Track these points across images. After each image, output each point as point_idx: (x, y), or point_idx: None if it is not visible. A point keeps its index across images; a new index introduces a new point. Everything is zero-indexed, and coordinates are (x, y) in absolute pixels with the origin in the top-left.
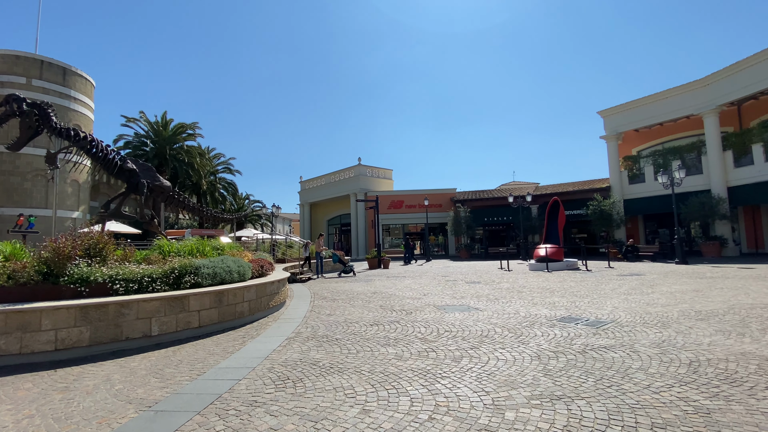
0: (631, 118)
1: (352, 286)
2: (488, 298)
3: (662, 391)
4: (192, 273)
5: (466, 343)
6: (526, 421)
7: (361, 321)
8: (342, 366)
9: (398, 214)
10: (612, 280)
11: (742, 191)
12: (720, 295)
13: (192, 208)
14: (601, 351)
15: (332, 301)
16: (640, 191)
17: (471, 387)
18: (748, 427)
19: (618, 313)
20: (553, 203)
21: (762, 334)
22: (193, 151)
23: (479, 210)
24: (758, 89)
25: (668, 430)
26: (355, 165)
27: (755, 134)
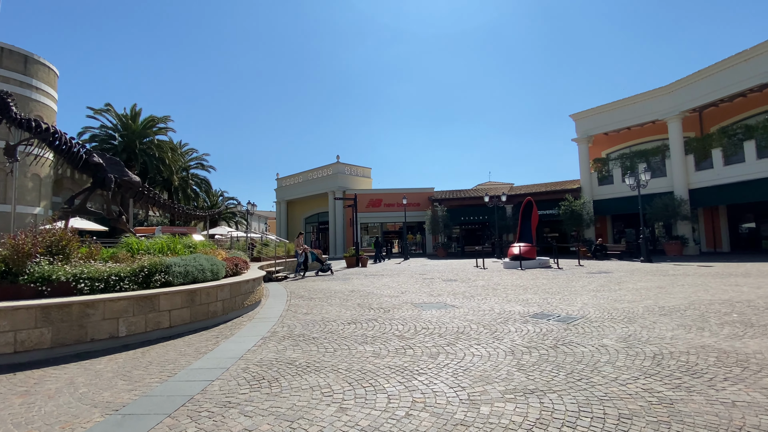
0: (601, 122)
1: (330, 285)
2: (464, 295)
3: (629, 384)
4: (162, 271)
5: (443, 340)
6: (501, 415)
7: (339, 319)
8: (319, 365)
9: (377, 213)
10: (582, 278)
11: (702, 193)
12: (681, 292)
13: (163, 204)
14: (571, 346)
15: (309, 300)
16: (609, 192)
17: (447, 383)
18: (708, 417)
19: (587, 310)
20: (526, 203)
21: (720, 328)
22: (164, 145)
23: (456, 209)
24: (718, 97)
25: (634, 420)
26: (334, 163)
27: (715, 140)
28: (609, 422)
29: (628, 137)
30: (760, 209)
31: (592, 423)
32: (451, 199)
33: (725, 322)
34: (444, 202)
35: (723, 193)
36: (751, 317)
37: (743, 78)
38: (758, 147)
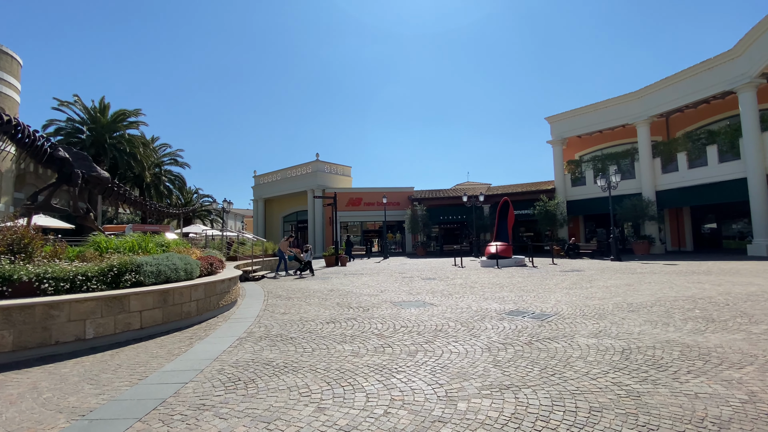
0: (574, 125)
1: (308, 284)
2: (443, 293)
3: (599, 378)
4: (133, 271)
5: (421, 338)
6: (477, 410)
7: (317, 319)
8: (297, 365)
9: (357, 212)
10: (555, 276)
11: (668, 195)
12: (648, 289)
13: (134, 201)
14: (545, 342)
15: (287, 299)
16: (582, 193)
17: (425, 380)
18: (672, 408)
19: (561, 307)
20: (503, 203)
21: (684, 323)
22: (135, 140)
23: (435, 209)
24: (683, 103)
25: (604, 413)
26: (313, 161)
27: (680, 144)
28: (580, 415)
29: (600, 140)
30: (721, 210)
31: (564, 416)
32: (430, 198)
33: (688, 317)
34: (423, 201)
35: (687, 194)
36: (712, 313)
37: (706, 86)
38: (720, 151)
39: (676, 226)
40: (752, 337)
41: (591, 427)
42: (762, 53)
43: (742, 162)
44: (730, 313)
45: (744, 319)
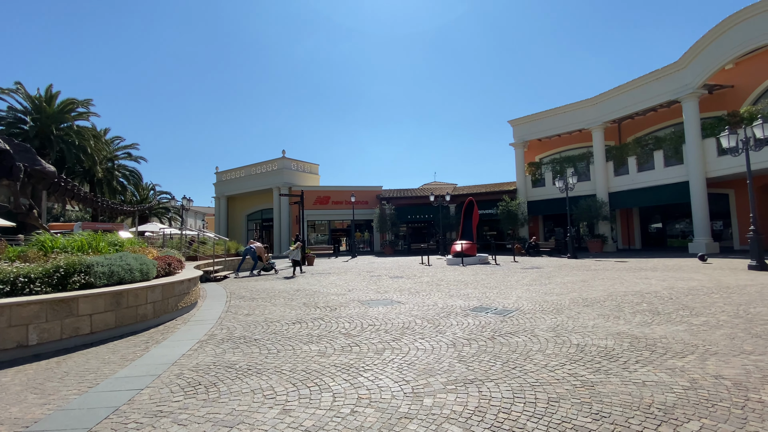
0: (535, 129)
1: (273, 284)
2: (410, 291)
3: (556, 369)
4: (82, 272)
5: (389, 336)
6: (443, 405)
7: (283, 320)
8: (261, 367)
9: (324, 210)
10: (517, 273)
11: (620, 196)
12: (601, 285)
13: (83, 198)
14: (507, 336)
15: (251, 300)
16: (541, 194)
17: (392, 377)
18: (623, 396)
19: (521, 302)
20: (468, 203)
21: (633, 316)
22: (85, 132)
23: (403, 208)
24: (633, 110)
25: (561, 402)
26: (279, 158)
27: (630, 148)
28: (539, 406)
29: (559, 143)
30: (666, 211)
31: (524, 407)
32: (398, 197)
33: (637, 311)
34: (392, 200)
35: (636, 196)
36: (658, 306)
37: (654, 95)
38: (665, 156)
39: (627, 225)
40: (693, 328)
41: (549, 417)
42: (704, 66)
43: (684, 167)
44: (673, 306)
45: (686, 312)
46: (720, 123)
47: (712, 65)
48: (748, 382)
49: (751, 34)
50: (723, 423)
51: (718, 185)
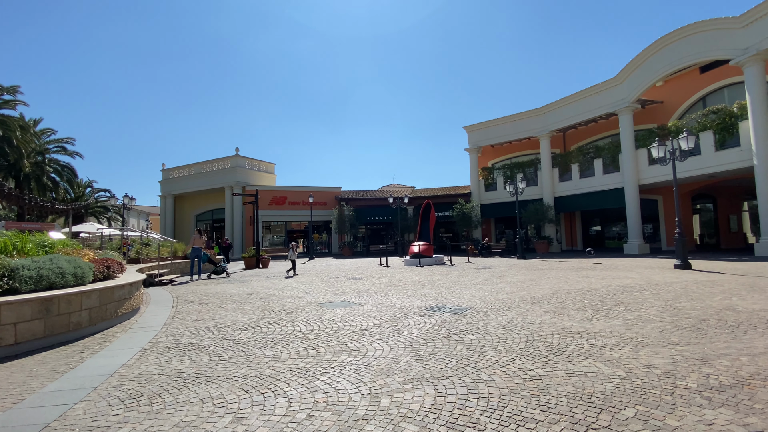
0: (488, 135)
1: (225, 288)
2: (368, 292)
3: (507, 365)
4: (5, 276)
5: (347, 338)
6: (400, 404)
7: (235, 325)
8: (211, 375)
9: (281, 211)
10: (470, 273)
11: (564, 201)
12: (548, 284)
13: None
14: (461, 334)
15: (200, 305)
16: (493, 198)
17: (350, 380)
18: (567, 387)
19: (475, 301)
20: (426, 205)
21: (575, 312)
22: (11, 122)
23: (362, 209)
24: (576, 121)
25: (512, 396)
26: (233, 155)
27: (573, 156)
28: (492, 400)
29: (510, 150)
30: (605, 215)
31: (478, 403)
32: (357, 199)
33: (579, 307)
34: (351, 201)
35: (579, 201)
36: (597, 303)
37: (595, 107)
38: (604, 164)
39: (570, 227)
40: (627, 322)
41: (501, 410)
42: (637, 83)
43: (620, 174)
44: (611, 302)
45: (621, 308)
46: (651, 135)
47: (644, 82)
48: (676, 371)
49: (677, 55)
50: (655, 409)
51: (649, 192)
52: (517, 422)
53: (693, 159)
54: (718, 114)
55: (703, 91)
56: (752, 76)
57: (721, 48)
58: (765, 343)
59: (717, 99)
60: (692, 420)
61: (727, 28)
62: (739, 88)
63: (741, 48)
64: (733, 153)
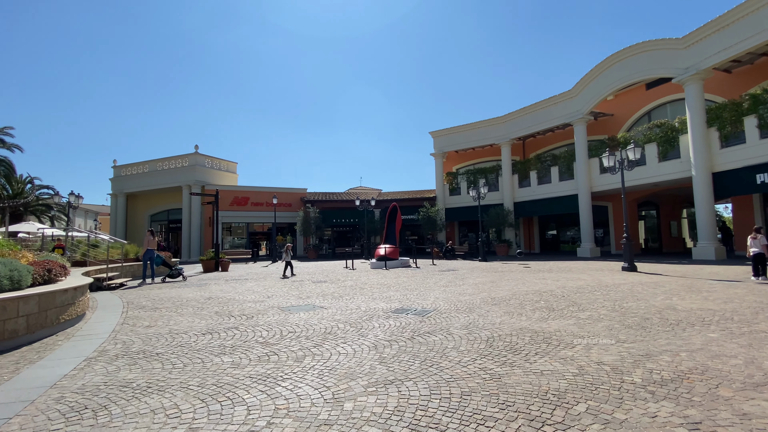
0: (453, 141)
1: (181, 292)
2: (333, 296)
3: (469, 365)
4: None
5: (310, 342)
6: (363, 408)
7: (191, 330)
8: (164, 384)
9: (243, 212)
10: (435, 275)
11: (523, 206)
12: (507, 285)
13: None
14: (425, 336)
15: (153, 310)
16: (457, 202)
17: (312, 385)
18: (525, 385)
19: (439, 303)
20: (392, 208)
21: (533, 313)
22: None
23: (328, 211)
24: (535, 130)
25: (473, 395)
26: (192, 153)
27: (532, 164)
28: (454, 400)
29: (474, 156)
30: (560, 220)
31: (440, 403)
32: (323, 201)
33: (536, 308)
34: (317, 203)
35: (536, 206)
36: (553, 303)
37: (552, 118)
38: (560, 172)
39: (528, 231)
40: (580, 321)
41: (462, 410)
42: (591, 96)
43: (575, 181)
44: (565, 303)
45: (575, 308)
46: (602, 145)
47: (596, 96)
48: (623, 367)
49: (626, 72)
50: (604, 403)
51: (600, 198)
52: (477, 421)
53: (639, 169)
54: (662, 128)
55: (649, 106)
56: (692, 94)
57: (665, 67)
58: (702, 340)
59: (661, 114)
60: (638, 413)
61: (671, 49)
62: (680, 104)
63: (682, 67)
64: (674, 164)
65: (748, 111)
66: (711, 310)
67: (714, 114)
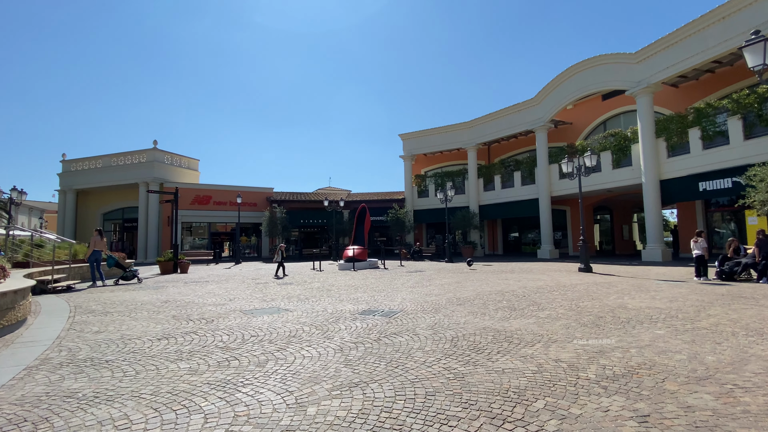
0: (422, 144)
1: (135, 295)
2: (299, 298)
3: (434, 365)
4: None
5: (273, 346)
6: (327, 412)
7: (146, 336)
8: (113, 393)
9: (204, 211)
10: (402, 276)
11: (488, 209)
12: (472, 286)
13: None
14: (392, 337)
15: (104, 314)
16: (426, 204)
17: (275, 390)
18: (487, 384)
19: (405, 304)
20: (361, 209)
21: (495, 312)
22: None
23: (296, 212)
24: (500, 136)
25: (437, 395)
26: (150, 149)
27: (496, 168)
28: (418, 401)
29: (442, 159)
30: (522, 222)
31: (405, 404)
32: (291, 201)
33: (499, 307)
34: (283, 203)
35: (500, 209)
36: (515, 303)
37: (515, 124)
38: (522, 177)
39: (492, 233)
40: (540, 320)
41: (426, 410)
42: (552, 105)
43: (536, 186)
44: (526, 302)
45: (535, 307)
46: (561, 152)
47: (557, 105)
48: (579, 364)
49: (584, 83)
50: (561, 399)
51: (559, 202)
52: (440, 421)
53: (595, 175)
54: (616, 137)
55: (605, 116)
56: (643, 106)
57: (619, 80)
58: (650, 337)
59: (615, 123)
60: (592, 408)
61: (625, 63)
62: (632, 115)
63: (635, 81)
64: (627, 171)
65: (692, 123)
66: (658, 309)
67: (662, 125)
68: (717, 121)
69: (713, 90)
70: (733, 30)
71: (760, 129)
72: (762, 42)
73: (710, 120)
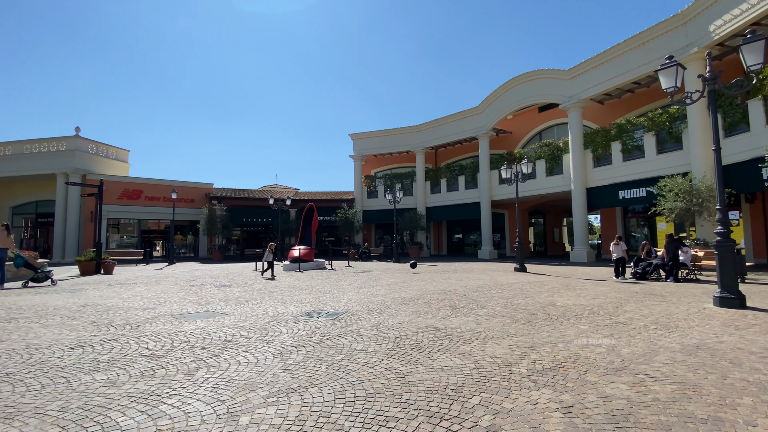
0: (372, 145)
1: (47, 299)
2: (238, 301)
3: (375, 366)
4: None
5: (206, 352)
6: (261, 421)
7: (56, 345)
8: (13, 411)
9: (134, 207)
10: (349, 277)
11: (434, 211)
12: (417, 285)
13: None
14: (335, 339)
15: (7, 321)
16: (374, 205)
17: (204, 400)
18: (427, 382)
19: (351, 304)
20: (308, 209)
21: (438, 311)
22: None
23: (238, 209)
24: (446, 141)
25: (377, 397)
26: (71, 136)
27: (442, 172)
28: (357, 404)
29: (391, 161)
30: (465, 224)
31: (344, 408)
32: (233, 198)
33: (441, 306)
34: (225, 200)
35: (445, 211)
36: (456, 302)
37: (461, 131)
38: (466, 181)
39: (438, 234)
40: (478, 318)
41: (365, 413)
42: (494, 114)
43: (478, 190)
44: (466, 301)
45: (474, 305)
46: (501, 159)
47: (498, 114)
48: (512, 359)
49: (523, 95)
50: (495, 394)
51: (499, 206)
52: (379, 422)
53: (531, 181)
54: (549, 147)
55: (541, 127)
56: (574, 119)
57: (554, 94)
58: (575, 331)
59: (550, 134)
60: (523, 401)
61: (559, 78)
62: (564, 127)
63: (567, 95)
64: (559, 179)
65: (614, 138)
66: (583, 305)
67: (589, 138)
68: (635, 136)
69: (633, 108)
70: (651, 54)
71: (670, 145)
72: (675, 66)
73: (629, 135)
